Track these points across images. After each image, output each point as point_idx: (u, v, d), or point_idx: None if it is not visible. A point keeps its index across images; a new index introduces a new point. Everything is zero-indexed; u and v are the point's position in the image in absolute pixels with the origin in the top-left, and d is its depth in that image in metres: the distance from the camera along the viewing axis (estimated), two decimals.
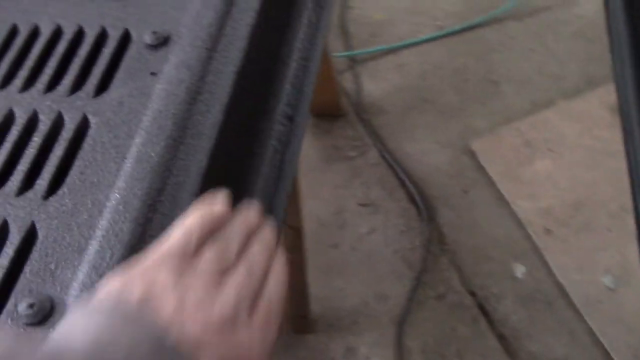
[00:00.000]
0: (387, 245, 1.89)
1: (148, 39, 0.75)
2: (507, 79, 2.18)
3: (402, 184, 2.00)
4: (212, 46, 0.73)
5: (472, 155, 2.02)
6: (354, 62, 2.29)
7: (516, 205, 1.91)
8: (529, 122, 2.07)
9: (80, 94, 0.72)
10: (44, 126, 0.69)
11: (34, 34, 0.79)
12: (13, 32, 0.79)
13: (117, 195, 0.62)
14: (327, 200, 1.99)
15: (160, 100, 0.69)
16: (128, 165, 0.65)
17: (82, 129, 0.69)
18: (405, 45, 2.29)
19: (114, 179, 0.64)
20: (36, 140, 0.69)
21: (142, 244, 0.60)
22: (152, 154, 0.65)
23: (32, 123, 0.70)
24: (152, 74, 0.72)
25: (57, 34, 0.78)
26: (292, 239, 1.35)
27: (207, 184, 0.67)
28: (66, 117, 0.70)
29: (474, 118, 2.10)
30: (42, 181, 0.65)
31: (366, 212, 1.96)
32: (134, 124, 0.68)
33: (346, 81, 2.25)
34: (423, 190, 1.98)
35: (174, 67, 0.71)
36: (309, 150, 2.10)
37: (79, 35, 0.77)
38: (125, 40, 0.76)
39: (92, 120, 0.69)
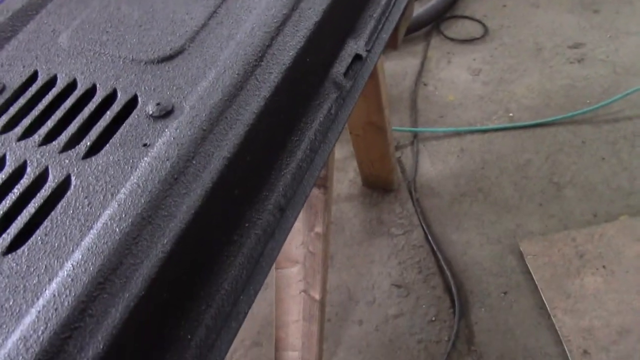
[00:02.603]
0: (412, 334, 1.82)
1: (151, 109, 0.75)
2: (572, 184, 2.08)
3: (441, 271, 1.92)
4: (209, 127, 0.72)
5: (520, 256, 1.93)
6: (416, 138, 2.26)
7: (557, 318, 1.80)
8: (587, 233, 1.96)
9: (72, 152, 0.72)
10: (27, 180, 0.70)
11: (50, 83, 0.80)
12: (32, 79, 0.81)
13: (70, 266, 0.61)
14: (361, 274, 1.94)
15: (142, 175, 0.68)
16: (90, 236, 0.64)
17: (62, 189, 0.69)
18: (471, 131, 2.24)
19: (74, 248, 0.63)
20: (16, 192, 0.69)
21: (79, 322, 0.58)
22: (117, 230, 0.64)
23: (18, 174, 0.70)
24: (145, 145, 0.72)
25: (70, 87, 0.79)
26: None
27: (167, 269, 0.65)
28: (51, 175, 0.70)
29: (528, 218, 2.01)
30: (7, 236, 0.65)
31: (398, 294, 1.90)
32: (111, 194, 0.67)
33: (405, 157, 2.22)
34: (461, 283, 1.90)
35: (165, 142, 0.71)
36: (354, 219, 2.07)
37: (90, 93, 0.78)
38: (130, 105, 0.76)
39: (74, 182, 0.69)
